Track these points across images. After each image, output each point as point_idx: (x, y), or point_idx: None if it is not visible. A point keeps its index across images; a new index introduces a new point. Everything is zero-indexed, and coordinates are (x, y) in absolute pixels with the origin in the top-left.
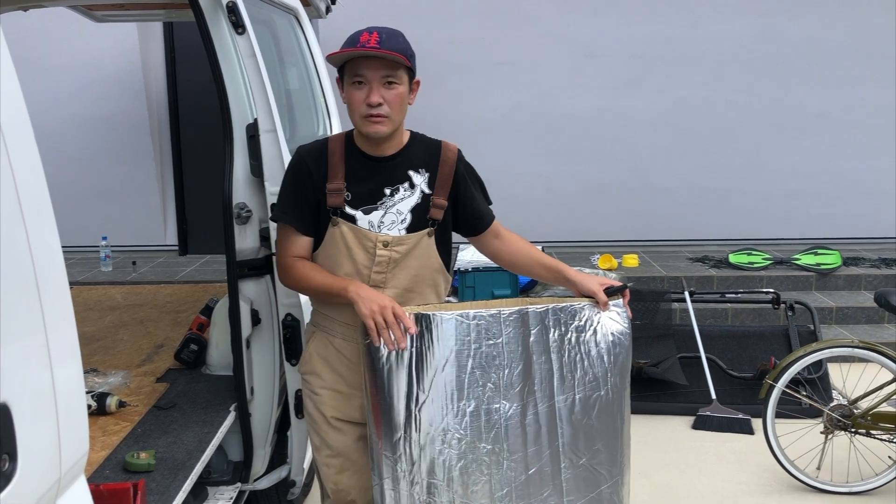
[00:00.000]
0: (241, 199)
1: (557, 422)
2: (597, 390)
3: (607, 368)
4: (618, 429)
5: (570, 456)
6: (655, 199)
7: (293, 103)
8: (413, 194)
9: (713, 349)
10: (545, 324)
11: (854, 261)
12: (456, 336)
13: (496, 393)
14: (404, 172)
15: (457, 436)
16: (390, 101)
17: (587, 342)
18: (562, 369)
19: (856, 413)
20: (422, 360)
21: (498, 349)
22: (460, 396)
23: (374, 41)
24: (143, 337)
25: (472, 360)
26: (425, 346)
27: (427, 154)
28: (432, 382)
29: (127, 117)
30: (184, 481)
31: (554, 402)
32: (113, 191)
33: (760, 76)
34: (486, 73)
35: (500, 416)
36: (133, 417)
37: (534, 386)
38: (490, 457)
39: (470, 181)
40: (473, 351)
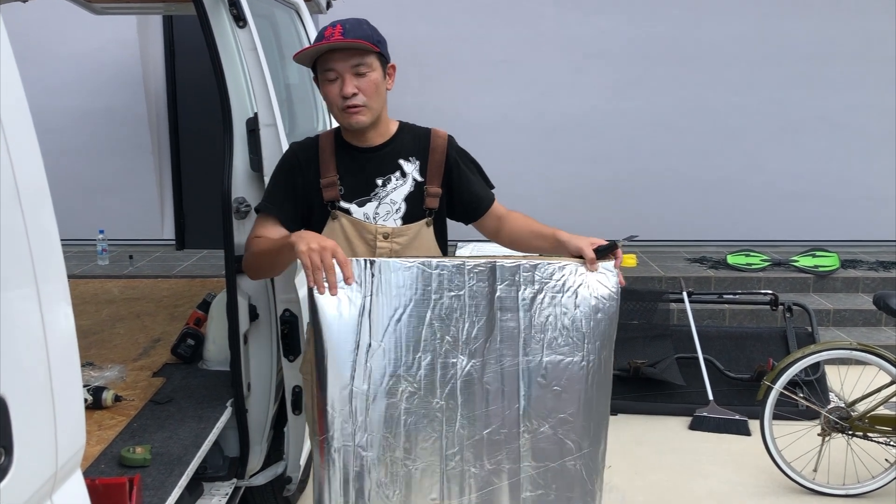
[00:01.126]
0: (240, 193)
1: (520, 383)
2: (569, 356)
3: (584, 333)
4: (591, 399)
5: (531, 421)
6: (654, 199)
7: (293, 98)
8: (405, 183)
9: (711, 350)
10: (515, 280)
11: (852, 263)
12: (415, 285)
13: (454, 347)
14: (394, 161)
15: (409, 389)
16: (364, 89)
17: (563, 304)
18: (530, 329)
19: (853, 416)
20: (377, 307)
21: (460, 301)
22: (416, 348)
23: (337, 34)
24: (139, 331)
25: (432, 312)
26: (382, 294)
27: (416, 142)
28: (386, 331)
29: (125, 110)
30: (179, 476)
31: (518, 362)
32: (110, 184)
33: (760, 77)
34: (485, 72)
35: (456, 372)
36: (129, 412)
37: (496, 343)
38: (442, 413)
39: (464, 165)
40: (433, 302)
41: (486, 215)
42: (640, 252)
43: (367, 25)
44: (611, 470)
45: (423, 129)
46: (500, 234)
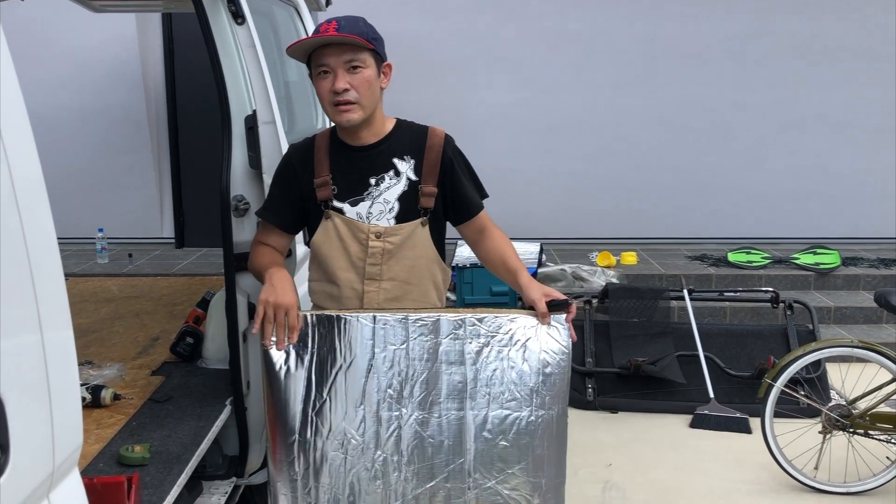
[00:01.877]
0: (238, 191)
1: (465, 437)
2: (517, 410)
3: (532, 388)
4: (542, 456)
5: (476, 475)
6: (655, 197)
7: (292, 96)
8: (399, 182)
9: (711, 348)
10: (460, 334)
11: (853, 261)
12: (360, 339)
13: (397, 400)
14: (388, 160)
15: (353, 441)
16: (357, 85)
17: (511, 357)
18: (475, 382)
19: (854, 413)
20: (323, 362)
21: (401, 355)
22: (359, 401)
23: (332, 29)
24: (138, 329)
25: (375, 364)
26: (326, 349)
27: (412, 140)
28: (331, 386)
29: (124, 108)
30: (178, 475)
31: (464, 415)
32: (109, 182)
33: (760, 74)
34: (486, 69)
35: (398, 425)
36: (128, 410)
37: (439, 397)
38: (384, 466)
39: (458, 167)
40: (377, 355)
41: (470, 223)
42: (641, 250)
43: (363, 23)
44: (611, 468)
45: (420, 126)
46: (477, 248)
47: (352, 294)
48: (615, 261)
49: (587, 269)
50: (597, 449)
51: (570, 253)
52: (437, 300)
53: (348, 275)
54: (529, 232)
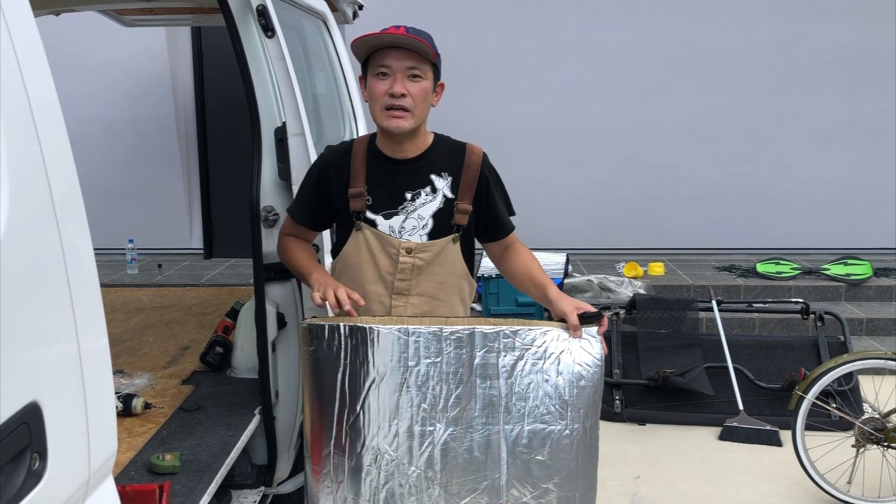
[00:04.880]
0: (268, 202)
1: (501, 453)
2: (552, 424)
3: (567, 402)
4: (576, 469)
5: (512, 491)
6: (682, 207)
7: (320, 107)
8: (435, 199)
9: (740, 359)
10: (495, 346)
11: (885, 271)
12: (392, 352)
13: (431, 415)
14: (426, 176)
15: (387, 457)
16: (414, 94)
17: (545, 371)
18: (511, 396)
19: (888, 427)
20: (355, 375)
21: (437, 369)
22: (393, 416)
23: (403, 31)
24: (168, 339)
25: (409, 379)
26: (359, 361)
27: (451, 157)
28: (364, 399)
29: (154, 120)
30: (209, 484)
31: (498, 430)
32: (139, 193)
33: (788, 83)
34: (510, 80)
35: (433, 440)
36: (158, 419)
37: (473, 412)
38: (419, 482)
39: (493, 186)
40: (410, 369)
41: (499, 242)
42: (668, 260)
43: (429, 36)
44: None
45: (457, 143)
46: (502, 264)
47: (379, 308)
48: (642, 272)
49: (614, 279)
50: (625, 461)
51: (596, 264)
52: (463, 315)
53: (377, 288)
54: (556, 242)
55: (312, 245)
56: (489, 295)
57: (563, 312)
